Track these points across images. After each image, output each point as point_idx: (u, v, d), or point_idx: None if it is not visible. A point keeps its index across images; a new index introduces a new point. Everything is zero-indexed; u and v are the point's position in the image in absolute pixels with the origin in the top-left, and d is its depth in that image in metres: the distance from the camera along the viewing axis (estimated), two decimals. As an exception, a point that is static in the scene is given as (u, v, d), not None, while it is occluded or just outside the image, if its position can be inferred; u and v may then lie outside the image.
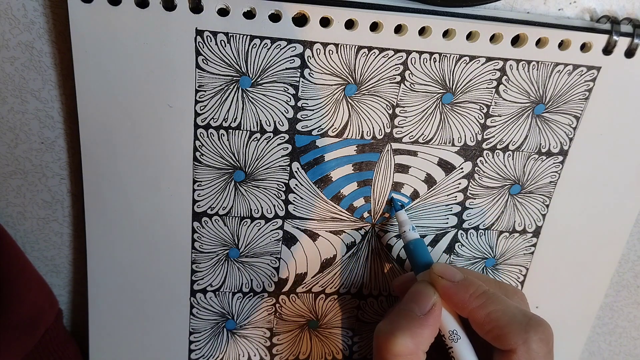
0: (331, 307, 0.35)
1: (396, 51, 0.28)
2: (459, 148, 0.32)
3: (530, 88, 0.31)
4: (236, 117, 0.29)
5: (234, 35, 0.27)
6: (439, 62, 0.29)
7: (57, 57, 0.28)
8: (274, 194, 0.31)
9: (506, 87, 0.30)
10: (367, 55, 0.28)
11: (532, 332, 0.25)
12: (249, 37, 0.27)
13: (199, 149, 0.30)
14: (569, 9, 0.30)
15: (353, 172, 0.31)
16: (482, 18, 0.28)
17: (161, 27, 0.26)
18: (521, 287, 0.37)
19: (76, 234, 0.32)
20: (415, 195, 0.33)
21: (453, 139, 0.31)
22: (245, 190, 0.31)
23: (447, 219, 0.34)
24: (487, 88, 0.30)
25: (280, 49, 0.28)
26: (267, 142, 0.30)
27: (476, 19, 0.28)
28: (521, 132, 0.32)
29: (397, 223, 0.33)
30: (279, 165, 0.31)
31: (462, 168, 0.32)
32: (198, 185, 0.30)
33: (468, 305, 0.27)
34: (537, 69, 0.30)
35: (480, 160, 0.32)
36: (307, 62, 0.28)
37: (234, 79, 0.28)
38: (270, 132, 0.30)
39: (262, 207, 0.32)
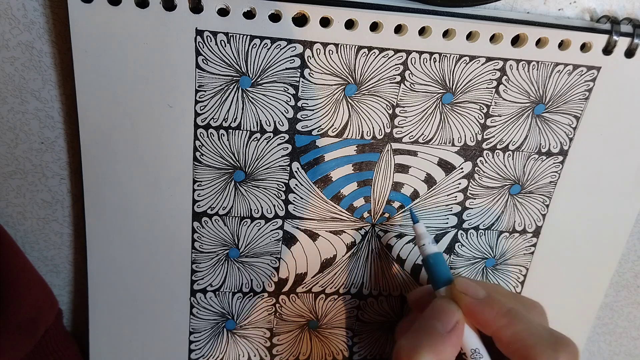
0: (331, 307, 0.35)
1: (396, 51, 0.28)
2: (459, 148, 0.32)
3: (530, 88, 0.31)
4: (236, 117, 0.29)
5: (234, 35, 0.27)
6: (439, 62, 0.29)
7: (57, 57, 0.28)
8: (274, 194, 0.31)
9: (506, 87, 0.30)
10: (367, 55, 0.28)
11: (560, 351, 0.25)
12: (249, 37, 0.27)
13: (199, 149, 0.30)
14: (569, 9, 0.30)
15: (353, 172, 0.31)
16: (482, 18, 0.28)
17: (161, 27, 0.26)
18: (521, 287, 0.37)
19: (76, 234, 0.33)
20: (415, 195, 0.33)
21: (453, 139, 0.31)
22: (245, 190, 0.31)
23: (447, 219, 0.34)
24: (487, 88, 0.30)
25: (280, 49, 0.28)
26: (267, 142, 0.30)
27: (476, 19, 0.28)
28: (521, 132, 0.32)
29: (396, 224, 0.33)
30: (279, 165, 0.31)
31: (462, 168, 0.32)
32: (198, 185, 0.30)
33: (493, 324, 0.26)
34: (537, 69, 0.30)
35: (480, 160, 0.32)
36: (307, 62, 0.28)
37: (234, 79, 0.28)
38: (270, 132, 0.30)
39: (262, 207, 0.32)
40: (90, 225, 0.31)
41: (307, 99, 0.29)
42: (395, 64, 0.29)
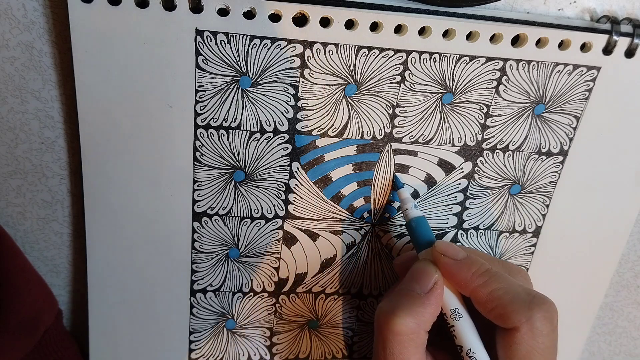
0: (331, 307, 0.35)
1: (396, 51, 0.28)
2: (459, 148, 0.32)
3: (530, 88, 0.31)
4: (236, 117, 0.29)
5: (234, 35, 0.27)
6: (439, 62, 0.29)
7: (57, 57, 0.28)
8: (274, 194, 0.31)
9: (506, 87, 0.30)
10: (367, 55, 0.28)
11: (535, 309, 0.25)
12: (249, 37, 0.27)
13: (199, 149, 0.30)
14: (569, 9, 0.30)
15: (353, 172, 0.31)
16: (482, 18, 0.28)
17: (161, 27, 0.26)
18: (521, 287, 0.37)
19: (76, 234, 0.33)
20: (415, 195, 0.33)
21: (453, 139, 0.31)
22: (245, 190, 0.31)
23: (447, 219, 0.34)
24: (487, 88, 0.30)
25: (280, 49, 0.28)
26: (267, 142, 0.30)
27: (476, 19, 0.28)
28: (521, 132, 0.32)
29: (396, 224, 0.33)
30: (279, 165, 0.31)
31: (462, 168, 0.32)
32: (198, 185, 0.30)
33: (470, 284, 0.26)
34: (537, 69, 0.30)
35: (480, 160, 0.32)
36: (307, 62, 0.28)
37: (234, 79, 0.28)
38: (270, 132, 0.30)
39: (262, 207, 0.32)
40: (90, 225, 0.31)
41: (307, 99, 0.29)
42: (395, 64, 0.29)
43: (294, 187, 0.31)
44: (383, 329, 0.26)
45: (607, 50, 0.30)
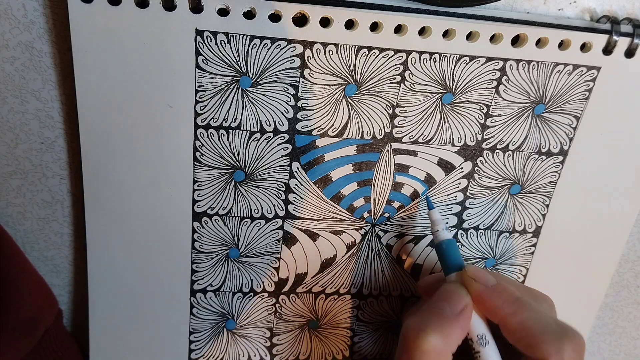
0: (331, 307, 0.35)
1: (396, 51, 0.28)
2: (459, 148, 0.32)
3: (530, 88, 0.31)
4: (236, 117, 0.29)
5: (234, 35, 0.27)
6: (439, 62, 0.29)
7: (57, 57, 0.28)
8: (274, 194, 0.31)
9: (506, 87, 0.30)
10: (367, 55, 0.28)
11: (566, 341, 0.25)
12: (249, 37, 0.27)
13: (199, 149, 0.30)
14: (569, 9, 0.30)
15: (353, 172, 0.31)
16: (482, 18, 0.28)
17: (161, 27, 0.26)
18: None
19: (76, 234, 0.33)
20: (415, 195, 0.33)
21: (453, 138, 0.31)
22: (245, 190, 0.31)
23: (447, 219, 0.34)
24: (487, 88, 0.30)
25: (280, 49, 0.28)
26: (267, 142, 0.30)
27: (476, 19, 0.28)
28: (521, 132, 0.32)
29: (396, 224, 0.33)
30: (279, 165, 0.31)
31: (462, 168, 0.32)
32: (198, 185, 0.30)
33: (500, 312, 0.26)
34: (537, 69, 0.30)
35: (480, 160, 0.32)
36: (307, 62, 0.28)
37: (234, 79, 0.28)
38: (270, 132, 0.30)
39: (262, 207, 0.32)
40: (90, 225, 0.31)
41: (307, 99, 0.29)
42: (395, 64, 0.29)
43: (294, 187, 0.31)
44: (410, 346, 0.26)
45: (607, 50, 0.30)
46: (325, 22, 0.27)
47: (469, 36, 0.29)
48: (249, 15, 0.27)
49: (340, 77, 0.29)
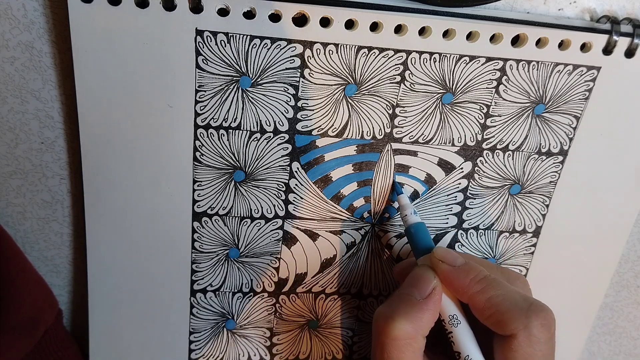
0: (331, 307, 0.35)
1: (396, 51, 0.28)
2: (459, 148, 0.32)
3: (530, 88, 0.31)
4: (236, 117, 0.29)
5: (234, 35, 0.27)
6: (439, 62, 0.29)
7: (57, 57, 0.28)
8: (274, 194, 0.31)
9: (506, 87, 0.30)
10: (367, 55, 0.28)
11: (533, 317, 0.25)
12: (249, 37, 0.27)
13: (199, 149, 0.30)
14: (569, 9, 0.30)
15: (353, 172, 0.31)
16: (482, 18, 0.28)
17: (161, 27, 0.26)
18: (521, 287, 0.37)
19: (76, 234, 0.33)
20: (415, 195, 0.33)
21: (453, 139, 0.31)
22: (245, 190, 0.31)
23: (447, 219, 0.34)
24: (487, 88, 0.30)
25: (280, 49, 0.28)
26: (267, 142, 0.30)
27: (476, 19, 0.28)
28: (521, 132, 0.32)
29: (396, 224, 0.33)
30: (279, 165, 0.31)
31: (462, 168, 0.32)
32: (198, 185, 0.30)
33: (468, 290, 0.26)
34: (537, 69, 0.30)
35: (480, 160, 0.32)
36: (307, 62, 0.28)
37: (234, 79, 0.28)
38: (270, 132, 0.30)
39: (262, 207, 0.32)
40: (90, 225, 0.31)
41: (307, 99, 0.29)
42: (395, 64, 0.29)
43: (294, 187, 0.31)
44: (381, 334, 0.26)
45: (607, 50, 0.30)
46: (325, 22, 0.27)
47: (469, 36, 0.29)
48: (249, 15, 0.27)
49: (340, 77, 0.29)
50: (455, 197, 0.33)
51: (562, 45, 0.30)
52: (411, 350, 0.26)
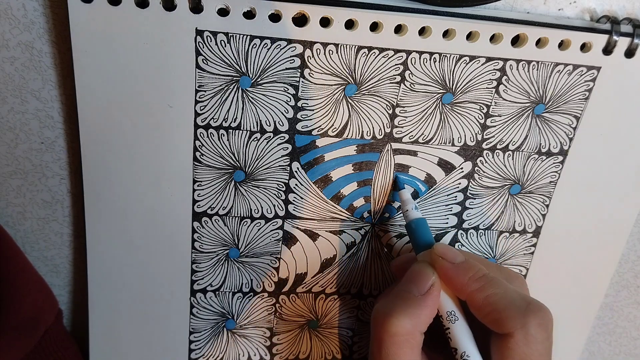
0: (331, 307, 0.35)
1: (396, 51, 0.28)
2: (459, 148, 0.32)
3: (530, 88, 0.31)
4: (236, 117, 0.29)
5: (234, 35, 0.27)
6: (439, 62, 0.29)
7: (57, 57, 0.28)
8: (274, 194, 0.31)
9: (506, 87, 0.30)
10: (367, 55, 0.28)
11: (530, 316, 0.25)
12: (249, 37, 0.27)
13: (199, 149, 0.30)
14: (569, 9, 0.30)
15: (353, 172, 0.31)
16: (482, 18, 0.28)
17: (161, 27, 0.26)
18: (521, 287, 0.37)
19: (76, 234, 0.33)
20: (415, 195, 0.33)
21: (453, 139, 0.31)
22: (245, 190, 0.31)
23: (447, 219, 0.34)
24: (487, 88, 0.30)
25: (280, 49, 0.28)
26: (267, 142, 0.30)
27: (476, 19, 0.28)
28: (521, 132, 0.32)
29: (396, 224, 0.33)
30: (279, 165, 0.31)
31: (462, 168, 0.32)
32: (198, 185, 0.30)
33: (467, 288, 0.26)
34: (537, 69, 0.30)
35: (480, 160, 0.32)
36: (307, 62, 0.28)
37: (234, 79, 0.28)
38: (270, 132, 0.30)
39: (262, 207, 0.32)
40: (90, 225, 0.31)
41: (307, 99, 0.29)
42: (395, 64, 0.29)
43: (294, 187, 0.31)
44: (379, 330, 0.26)
45: (607, 50, 0.30)
46: (325, 22, 0.27)
47: (469, 36, 0.29)
48: (249, 15, 0.27)
49: (340, 77, 0.29)
50: (455, 197, 0.33)
51: (562, 45, 0.30)
52: (409, 346, 0.26)
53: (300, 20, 0.27)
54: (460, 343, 0.27)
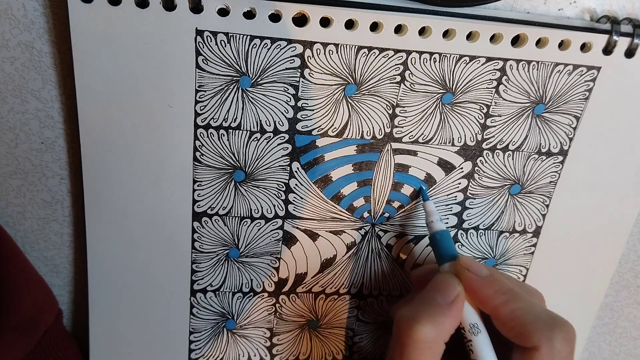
0: (331, 307, 0.35)
1: (396, 51, 0.28)
2: (459, 148, 0.32)
3: (530, 88, 0.31)
4: (236, 117, 0.29)
5: (234, 35, 0.27)
6: (439, 62, 0.29)
7: (57, 57, 0.28)
8: (274, 194, 0.31)
9: (506, 87, 0.30)
10: (367, 55, 0.28)
11: (556, 330, 0.25)
12: (249, 37, 0.27)
13: (199, 149, 0.30)
14: (569, 9, 0.30)
15: (353, 172, 0.31)
16: (482, 18, 0.28)
17: (161, 27, 0.26)
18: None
19: (76, 234, 0.33)
20: (415, 195, 0.33)
21: (453, 138, 0.31)
22: (245, 190, 0.31)
23: (447, 219, 0.34)
24: (487, 88, 0.30)
25: (280, 49, 0.28)
26: (267, 142, 0.30)
27: (476, 19, 0.28)
28: (521, 132, 0.32)
29: (396, 224, 0.33)
30: (279, 165, 0.31)
31: (462, 168, 0.32)
32: (198, 185, 0.30)
33: (492, 301, 0.27)
34: (537, 69, 0.30)
35: (480, 160, 0.32)
36: (307, 62, 0.28)
37: (234, 79, 0.28)
38: (270, 132, 0.30)
39: (262, 207, 0.32)
40: (90, 225, 0.31)
41: (307, 99, 0.29)
42: (395, 64, 0.29)
43: (294, 187, 0.31)
44: (402, 336, 0.26)
45: (607, 50, 0.30)
46: (325, 22, 0.27)
47: (469, 36, 0.29)
48: (249, 15, 0.27)
49: (340, 77, 0.29)
50: (455, 197, 0.33)
51: (562, 45, 0.30)
52: (431, 354, 0.26)
53: (300, 20, 0.27)
54: (482, 356, 0.27)
